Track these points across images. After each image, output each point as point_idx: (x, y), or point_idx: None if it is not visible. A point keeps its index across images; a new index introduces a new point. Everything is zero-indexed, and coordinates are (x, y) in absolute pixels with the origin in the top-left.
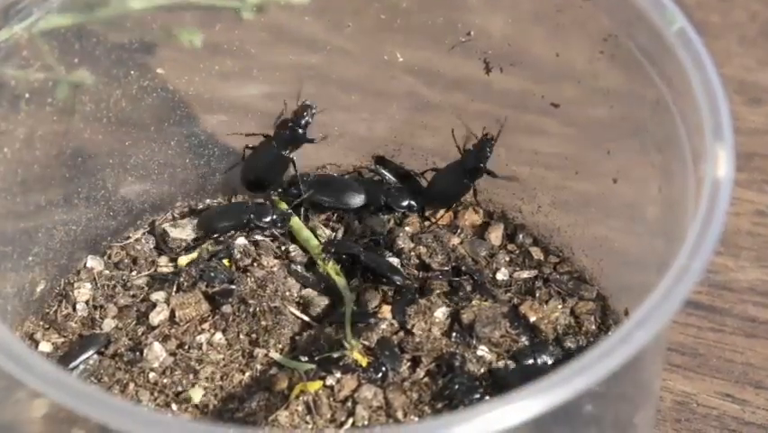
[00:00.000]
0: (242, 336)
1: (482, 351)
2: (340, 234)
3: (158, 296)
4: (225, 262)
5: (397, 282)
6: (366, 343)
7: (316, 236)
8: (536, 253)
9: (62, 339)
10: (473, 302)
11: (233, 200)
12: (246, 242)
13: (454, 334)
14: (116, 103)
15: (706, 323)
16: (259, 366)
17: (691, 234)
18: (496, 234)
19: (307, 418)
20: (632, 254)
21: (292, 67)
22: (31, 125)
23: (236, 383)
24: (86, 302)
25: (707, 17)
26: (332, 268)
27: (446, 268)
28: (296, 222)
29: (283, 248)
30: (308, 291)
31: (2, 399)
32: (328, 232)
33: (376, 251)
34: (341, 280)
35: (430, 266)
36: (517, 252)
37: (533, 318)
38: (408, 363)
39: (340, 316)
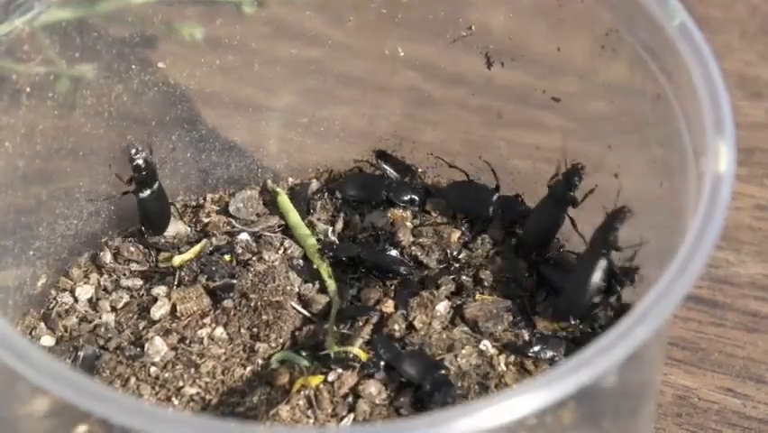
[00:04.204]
0: (243, 331)
1: (484, 345)
2: (339, 226)
3: (159, 290)
4: (226, 257)
5: (402, 272)
6: (367, 338)
7: (314, 231)
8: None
9: (63, 333)
10: (476, 296)
11: (236, 195)
12: (248, 237)
13: (457, 328)
14: (117, 97)
15: (707, 317)
16: (260, 361)
17: (692, 229)
18: (496, 229)
19: (309, 412)
20: (633, 249)
21: (293, 61)
22: (32, 119)
23: (237, 378)
24: (88, 297)
25: (708, 12)
26: (325, 271)
27: (444, 265)
28: (296, 221)
29: (286, 243)
30: (309, 286)
31: (3, 393)
32: (323, 227)
33: (376, 246)
34: (332, 284)
35: (428, 265)
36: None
37: (535, 312)
38: None
39: (337, 313)
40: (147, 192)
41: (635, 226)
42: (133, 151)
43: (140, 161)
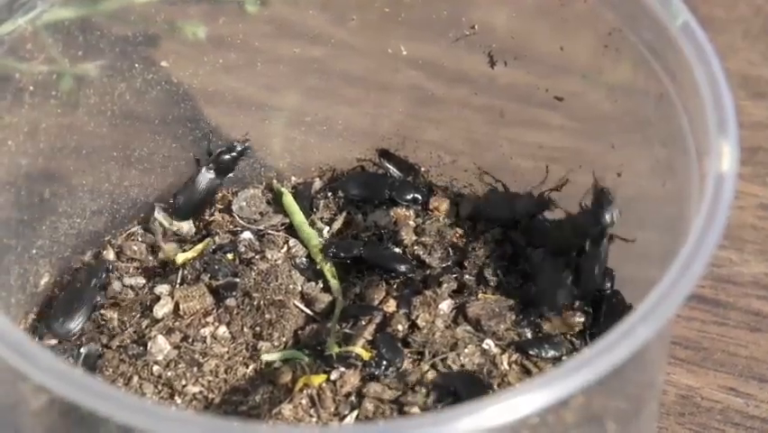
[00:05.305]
0: (245, 330)
1: (487, 344)
2: (337, 226)
3: (162, 289)
4: (229, 256)
5: (403, 270)
6: (369, 337)
7: (315, 228)
8: None
9: None
10: (479, 295)
11: (239, 194)
12: (251, 236)
13: (459, 327)
14: (120, 96)
15: (710, 317)
16: (263, 359)
17: (695, 228)
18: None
19: (311, 411)
20: (636, 248)
21: (296, 60)
22: (35, 118)
23: (240, 377)
24: None
25: (711, 11)
26: (329, 270)
27: (447, 264)
28: (300, 222)
29: (289, 242)
30: (312, 285)
31: (6, 392)
32: (322, 226)
33: (378, 245)
34: (335, 284)
35: (430, 265)
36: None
37: (540, 312)
38: (415, 357)
39: (339, 312)
40: (211, 175)
41: (637, 225)
42: (246, 134)
43: (240, 147)
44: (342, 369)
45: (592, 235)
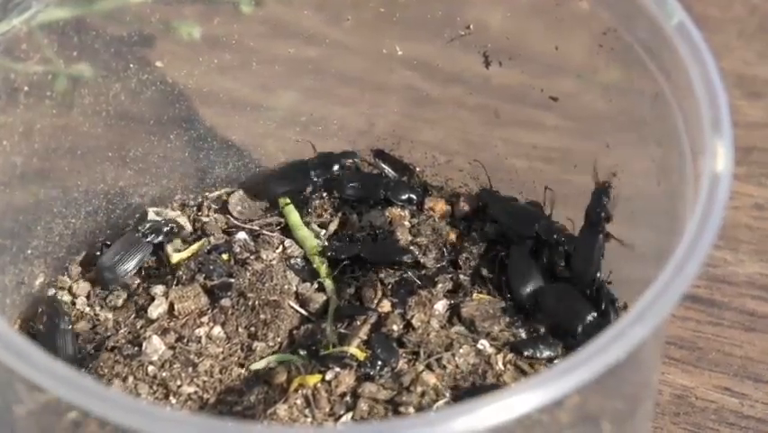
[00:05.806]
0: (240, 330)
1: (482, 344)
2: (332, 228)
3: (157, 289)
4: (224, 256)
5: (408, 260)
6: (364, 337)
7: (310, 228)
8: None
9: None
10: (474, 296)
11: (234, 194)
12: (246, 236)
13: (454, 327)
14: (115, 96)
15: (705, 317)
16: (258, 360)
17: (690, 228)
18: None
19: (306, 411)
20: (631, 248)
21: (291, 60)
22: (30, 118)
23: (235, 377)
24: (86, 295)
25: (706, 11)
26: (324, 271)
27: (442, 264)
28: (296, 223)
29: (285, 243)
30: (307, 285)
31: (2, 393)
32: (317, 228)
33: (375, 243)
34: (329, 284)
35: (425, 265)
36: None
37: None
38: (410, 357)
39: (335, 313)
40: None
41: (632, 225)
42: None
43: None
44: (337, 369)
45: (591, 220)
